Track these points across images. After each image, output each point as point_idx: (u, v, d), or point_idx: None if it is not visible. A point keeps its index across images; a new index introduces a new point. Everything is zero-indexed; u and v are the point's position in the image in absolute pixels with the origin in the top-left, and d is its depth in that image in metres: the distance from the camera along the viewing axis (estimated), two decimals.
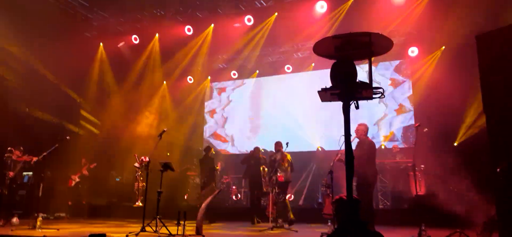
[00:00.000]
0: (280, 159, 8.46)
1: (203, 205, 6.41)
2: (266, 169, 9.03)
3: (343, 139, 3.17)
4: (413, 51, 11.56)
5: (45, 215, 9.42)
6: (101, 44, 12.93)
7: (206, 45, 12.55)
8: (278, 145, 8.65)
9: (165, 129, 7.19)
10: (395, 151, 10.67)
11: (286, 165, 8.41)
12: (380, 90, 3.05)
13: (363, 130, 6.87)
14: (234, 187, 11.82)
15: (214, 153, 9.99)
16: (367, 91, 3.05)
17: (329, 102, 3.24)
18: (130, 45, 12.69)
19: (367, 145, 6.77)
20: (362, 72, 3.19)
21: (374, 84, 3.11)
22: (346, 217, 3.46)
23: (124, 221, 9.21)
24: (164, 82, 14.37)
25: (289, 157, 8.52)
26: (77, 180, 11.04)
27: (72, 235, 5.70)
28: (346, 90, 3.04)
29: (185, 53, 13.00)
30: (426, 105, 10.90)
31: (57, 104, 11.60)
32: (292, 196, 11.05)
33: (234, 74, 14.23)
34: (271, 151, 9.65)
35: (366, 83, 3.05)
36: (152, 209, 6.77)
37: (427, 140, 8.67)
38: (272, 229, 7.49)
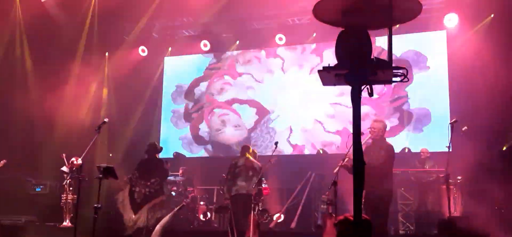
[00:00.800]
0: (242, 164, 8.82)
1: (158, 228, 6.40)
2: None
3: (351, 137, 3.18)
4: (450, 19, 11.67)
5: None
6: None
7: (164, 1, 12.48)
8: (244, 148, 9.30)
9: (105, 119, 7.13)
10: (423, 157, 10.80)
11: (250, 173, 8.74)
12: (403, 71, 3.06)
13: (380, 129, 6.95)
14: (202, 203, 11.81)
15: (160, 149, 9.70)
16: (385, 72, 3.06)
17: (333, 88, 3.25)
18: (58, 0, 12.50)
19: (384, 149, 6.85)
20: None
21: (395, 63, 3.12)
22: None
23: None
24: (106, 54, 14.18)
25: (255, 163, 8.97)
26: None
27: None
28: (356, 70, 3.04)
29: (134, 14, 12.87)
30: (466, 95, 11.05)
31: None
32: (282, 216, 11.11)
33: (205, 45, 14.17)
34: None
35: (384, 61, 3.05)
36: (86, 231, 6.68)
37: (467, 142, 8.80)
38: None
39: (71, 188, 8.42)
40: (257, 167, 8.97)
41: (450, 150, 7.40)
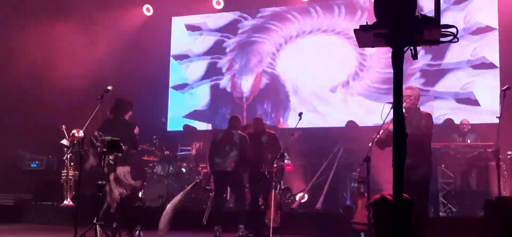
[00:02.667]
0: (219, 139, 9.01)
1: (169, 208, 6.49)
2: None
3: (388, 107, 3.18)
4: None
5: None
6: None
7: None
8: (230, 120, 9.41)
9: (109, 87, 7.16)
10: (465, 129, 10.73)
11: (227, 148, 8.87)
12: (452, 30, 3.03)
13: (415, 96, 6.89)
14: None
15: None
16: (431, 31, 3.03)
17: (370, 50, 3.23)
18: None
19: (424, 118, 6.80)
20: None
21: (443, 22, 3.09)
22: (390, 228, 3.48)
23: (44, 229, 9.30)
24: (106, 13, 14.22)
25: (235, 135, 8.99)
26: None
27: None
28: (398, 29, 3.01)
29: None
30: None
31: None
32: (305, 196, 11.17)
33: (218, 2, 14.11)
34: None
35: (431, 18, 3.02)
36: (88, 210, 6.81)
37: None
38: None
39: (72, 164, 8.56)
40: (237, 139, 8.98)
41: (500, 122, 7.32)
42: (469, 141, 10.47)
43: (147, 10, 14.44)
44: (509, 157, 9.35)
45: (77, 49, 13.46)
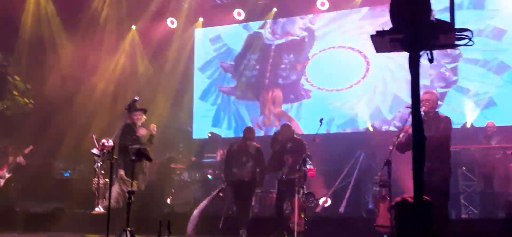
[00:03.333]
0: (236, 149, 9.29)
1: (195, 213, 6.53)
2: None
3: (408, 111, 3.18)
4: None
5: None
6: None
7: None
8: (245, 131, 9.62)
9: (136, 97, 7.25)
10: (490, 132, 10.59)
11: (243, 159, 9.11)
12: (468, 33, 3.03)
13: (434, 100, 6.84)
14: None
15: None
16: (447, 35, 3.04)
17: (387, 55, 3.24)
18: None
19: (443, 121, 6.75)
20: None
21: (458, 25, 3.09)
22: (412, 229, 3.47)
23: (79, 235, 9.40)
24: (133, 27, 14.39)
25: (251, 146, 9.24)
26: (7, 176, 11.26)
27: None
28: (414, 34, 3.02)
29: None
30: None
31: None
32: (328, 200, 11.13)
33: (239, 14, 14.17)
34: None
35: (446, 22, 3.03)
36: (119, 217, 6.87)
37: None
38: None
39: (102, 172, 8.65)
40: (253, 151, 9.24)
41: None
42: (493, 143, 10.34)
43: (171, 22, 14.56)
44: None
45: (106, 63, 13.68)
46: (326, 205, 11.05)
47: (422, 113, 6.73)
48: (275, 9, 14.01)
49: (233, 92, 14.48)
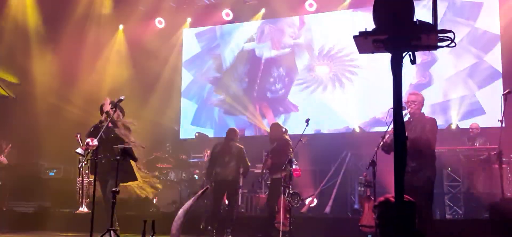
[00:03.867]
0: (219, 150, 9.58)
1: (181, 213, 6.49)
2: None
3: (392, 111, 3.17)
4: None
5: None
6: None
7: None
8: (228, 133, 9.81)
9: (122, 97, 7.20)
10: (473, 133, 10.64)
11: (226, 159, 9.42)
12: (450, 35, 3.03)
13: (420, 102, 6.89)
14: None
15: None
16: (429, 36, 3.03)
17: (371, 56, 3.24)
18: None
19: (428, 123, 6.79)
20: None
21: (441, 27, 3.08)
22: (394, 228, 3.47)
23: (63, 235, 9.35)
24: (120, 27, 14.32)
25: (234, 147, 9.50)
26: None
27: None
28: (397, 35, 3.02)
29: None
30: None
31: None
32: (315, 200, 11.15)
33: (227, 14, 14.13)
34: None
35: (428, 24, 3.03)
36: (103, 217, 6.83)
37: None
38: None
39: (86, 171, 8.56)
40: (236, 151, 9.49)
41: (503, 125, 7.28)
42: (477, 144, 10.39)
43: (159, 22, 14.49)
44: None
45: (93, 62, 13.60)
46: (312, 205, 11.07)
47: (408, 114, 6.77)
48: (263, 10, 13.99)
49: (221, 105, 14.40)
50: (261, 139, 12.48)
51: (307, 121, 8.83)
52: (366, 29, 3.12)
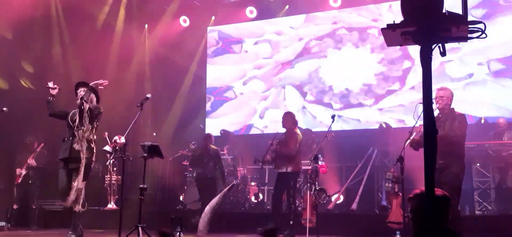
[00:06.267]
0: (198, 154, 11.13)
1: (207, 210, 6.53)
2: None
3: (420, 108, 3.12)
4: None
5: None
6: None
7: None
8: (204, 139, 11.37)
9: (148, 95, 7.25)
10: (502, 128, 10.49)
11: (205, 160, 10.78)
12: (480, 26, 2.96)
13: (448, 97, 6.76)
14: (253, 184, 11.94)
15: None
16: (459, 28, 2.97)
17: (399, 49, 3.19)
18: None
19: (457, 119, 6.66)
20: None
21: (471, 18, 3.02)
22: (428, 221, 3.36)
23: (92, 231, 9.46)
24: (146, 26, 14.43)
25: (211, 149, 10.80)
26: (23, 173, 11.37)
27: None
28: (426, 26, 2.96)
29: None
30: None
31: None
32: (341, 196, 11.10)
33: (251, 12, 14.14)
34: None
35: (458, 15, 2.96)
36: (132, 214, 6.90)
37: None
38: None
39: (115, 169, 8.72)
40: (213, 153, 10.83)
41: None
42: (505, 139, 10.24)
43: (184, 21, 14.57)
44: None
45: (121, 61, 13.74)
46: (338, 202, 11.03)
47: (437, 110, 6.66)
48: (287, 7, 13.96)
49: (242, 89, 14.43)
50: None
51: (333, 116, 8.78)
52: (394, 21, 3.07)
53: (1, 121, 11.09)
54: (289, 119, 9.35)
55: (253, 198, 11.67)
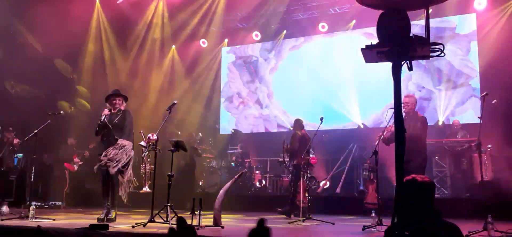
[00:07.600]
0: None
1: (221, 192, 6.52)
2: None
3: (391, 112, 3.13)
4: (480, 3, 11.18)
5: (39, 203, 9.78)
6: (97, 1, 13.08)
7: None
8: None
9: (175, 101, 7.26)
10: (456, 128, 10.47)
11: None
12: (440, 47, 2.96)
13: (412, 103, 6.75)
14: (257, 172, 11.95)
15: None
16: (423, 48, 2.98)
17: (374, 68, 3.19)
18: (131, 1, 12.77)
19: (420, 120, 6.65)
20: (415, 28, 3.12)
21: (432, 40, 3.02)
22: (415, 204, 3.30)
23: (130, 210, 9.47)
24: (173, 46, 14.47)
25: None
26: (80, 163, 11.42)
27: (70, 225, 5.91)
28: (397, 47, 2.97)
29: (196, 11, 13.08)
30: (495, 71, 10.54)
31: (46, 77, 12.04)
32: (328, 182, 11.08)
33: (256, 35, 14.15)
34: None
35: (422, 37, 2.97)
36: (161, 196, 6.92)
37: (496, 113, 8.42)
38: (303, 221, 7.56)
39: (148, 159, 8.70)
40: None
41: (481, 121, 7.09)
42: (459, 137, 10.23)
43: (203, 43, 14.60)
44: (489, 149, 9.12)
45: (152, 75, 13.81)
46: (325, 187, 11.02)
47: (404, 113, 6.64)
48: (285, 32, 13.96)
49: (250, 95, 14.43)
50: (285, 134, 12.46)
51: (321, 119, 8.75)
52: (371, 43, 3.08)
53: (63, 123, 11.23)
54: (296, 123, 9.41)
55: (257, 184, 11.67)
